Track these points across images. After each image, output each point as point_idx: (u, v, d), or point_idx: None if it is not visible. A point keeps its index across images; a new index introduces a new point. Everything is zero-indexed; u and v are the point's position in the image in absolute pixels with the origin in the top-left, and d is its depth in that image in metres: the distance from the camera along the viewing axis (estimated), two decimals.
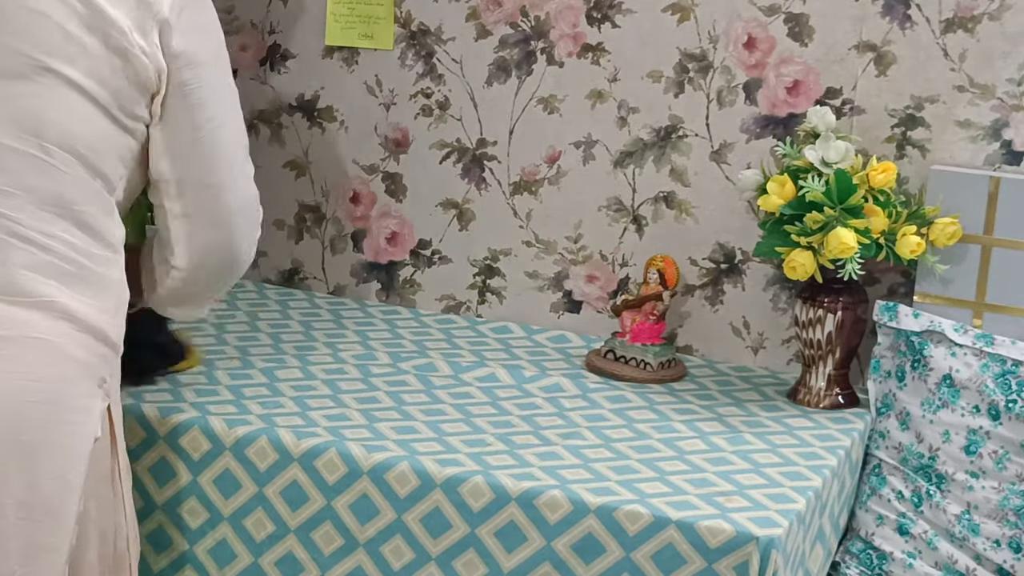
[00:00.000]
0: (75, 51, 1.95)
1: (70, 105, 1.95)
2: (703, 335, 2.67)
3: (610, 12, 2.63)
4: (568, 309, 2.75)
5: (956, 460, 2.32)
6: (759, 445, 2.26)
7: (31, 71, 1.93)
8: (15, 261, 1.91)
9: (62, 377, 1.91)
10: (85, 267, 1.95)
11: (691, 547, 1.97)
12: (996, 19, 2.41)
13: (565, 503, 2.03)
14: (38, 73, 1.93)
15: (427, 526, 2.08)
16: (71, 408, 1.91)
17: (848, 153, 2.38)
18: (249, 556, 2.17)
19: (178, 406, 2.25)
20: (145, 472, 2.22)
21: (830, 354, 2.44)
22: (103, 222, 1.99)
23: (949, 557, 2.31)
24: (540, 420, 2.31)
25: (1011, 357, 2.31)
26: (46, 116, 1.93)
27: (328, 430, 2.19)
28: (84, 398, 1.93)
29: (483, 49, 2.73)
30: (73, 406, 1.92)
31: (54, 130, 1.94)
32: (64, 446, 1.90)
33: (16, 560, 1.87)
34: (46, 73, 1.94)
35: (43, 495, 1.88)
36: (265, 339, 2.60)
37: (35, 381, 1.88)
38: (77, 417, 1.92)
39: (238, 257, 2.17)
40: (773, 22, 2.54)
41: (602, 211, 2.70)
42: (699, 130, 2.61)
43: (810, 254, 2.35)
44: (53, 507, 1.89)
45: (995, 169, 2.43)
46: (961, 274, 2.40)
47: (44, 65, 1.93)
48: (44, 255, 1.92)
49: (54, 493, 1.89)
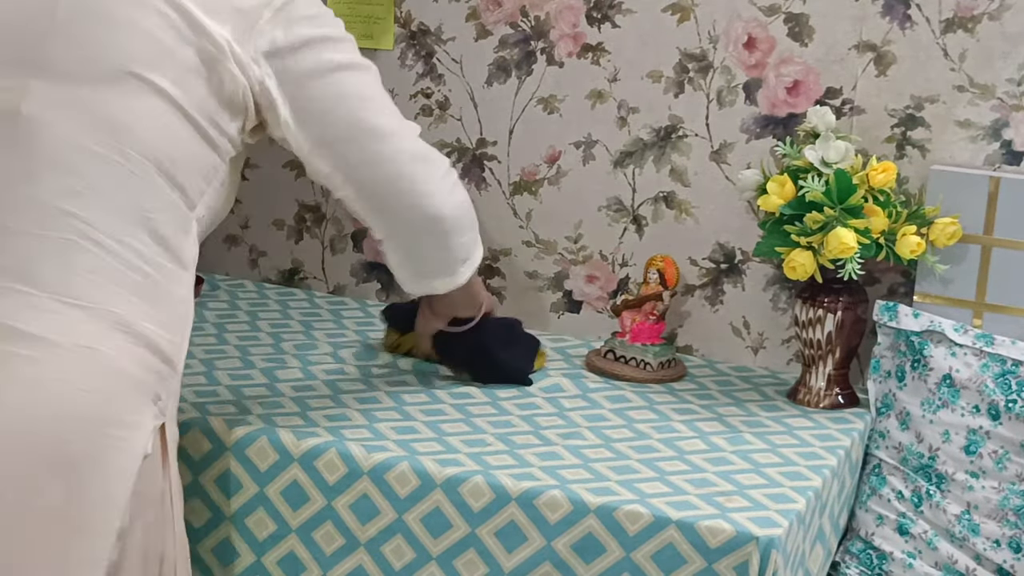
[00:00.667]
0: (165, 60, 1.93)
1: (155, 113, 1.93)
2: (703, 335, 2.67)
3: (610, 12, 2.63)
4: (568, 309, 2.76)
5: (956, 460, 2.32)
6: (759, 445, 2.26)
7: (118, 77, 1.92)
8: (80, 263, 1.88)
9: (110, 390, 1.87)
10: (151, 277, 1.93)
11: (691, 547, 1.97)
12: (996, 19, 2.41)
13: (565, 503, 2.03)
14: (124, 80, 1.92)
15: (428, 526, 2.08)
16: (117, 423, 1.87)
17: (848, 153, 2.38)
18: (251, 555, 2.18)
19: (179, 407, 2.24)
20: None
21: (830, 354, 2.44)
22: (178, 237, 1.96)
23: (949, 557, 2.31)
24: (540, 420, 2.31)
25: (1011, 357, 2.32)
26: (129, 122, 1.92)
27: (328, 430, 2.19)
28: (133, 414, 1.89)
29: (483, 49, 2.73)
30: (120, 421, 1.87)
31: (135, 137, 1.92)
32: (107, 461, 1.86)
33: (51, 572, 1.84)
34: (133, 80, 1.92)
35: (82, 508, 1.85)
36: (265, 339, 2.60)
37: (81, 391, 1.85)
38: (123, 432, 1.87)
39: (430, 210, 2.14)
40: (773, 22, 2.54)
41: (602, 211, 2.70)
42: (699, 130, 2.61)
43: (810, 254, 2.35)
44: (93, 521, 1.85)
45: (995, 169, 2.43)
46: (961, 274, 2.40)
47: (132, 72, 1.92)
48: (111, 260, 1.90)
49: (94, 507, 1.85)
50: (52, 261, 1.88)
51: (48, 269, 1.87)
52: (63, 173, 1.89)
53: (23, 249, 1.88)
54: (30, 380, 1.84)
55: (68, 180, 1.89)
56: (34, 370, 1.84)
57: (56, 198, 1.89)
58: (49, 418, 1.84)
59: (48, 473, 1.83)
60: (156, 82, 1.93)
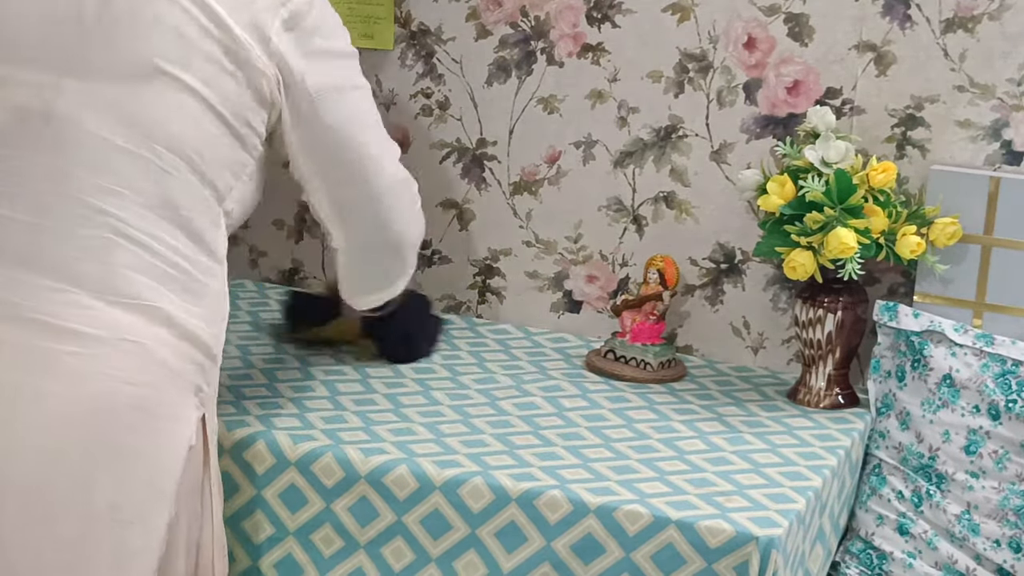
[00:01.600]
0: (191, 56, 1.95)
1: (183, 110, 1.95)
2: (703, 335, 2.66)
3: (610, 12, 2.63)
4: (568, 309, 2.75)
5: (956, 460, 2.32)
6: (759, 445, 2.26)
7: (146, 74, 1.94)
8: (119, 261, 1.91)
9: (154, 383, 1.91)
10: (188, 273, 1.96)
11: (691, 547, 1.97)
12: (996, 19, 2.40)
13: (565, 503, 2.03)
14: (153, 77, 1.93)
15: (427, 527, 2.08)
16: (162, 415, 1.91)
17: (848, 153, 2.38)
18: (248, 559, 2.17)
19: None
20: None
21: (830, 354, 2.44)
22: (210, 231, 1.99)
23: (949, 557, 2.31)
24: (540, 420, 2.31)
25: (1011, 357, 2.31)
26: (158, 119, 1.94)
27: (325, 433, 2.19)
28: (176, 406, 1.93)
29: (483, 49, 2.73)
30: (164, 413, 1.91)
31: (165, 133, 1.94)
32: (154, 452, 1.90)
33: (106, 564, 1.87)
34: (161, 76, 1.94)
35: (133, 500, 1.88)
36: (265, 339, 2.60)
37: (126, 384, 1.88)
38: (169, 425, 1.91)
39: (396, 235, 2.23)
40: (773, 22, 2.54)
41: (602, 211, 2.70)
42: (699, 130, 2.61)
43: (810, 254, 2.35)
44: (144, 512, 1.89)
45: (995, 169, 2.42)
46: (961, 274, 2.40)
47: (160, 68, 1.93)
48: (148, 257, 1.92)
49: (145, 499, 1.89)
50: (91, 260, 1.91)
51: (88, 268, 1.91)
52: (97, 172, 1.92)
53: (63, 249, 1.91)
54: (76, 375, 1.88)
55: (102, 179, 1.92)
56: (80, 365, 1.88)
57: (92, 197, 1.91)
58: (97, 411, 1.87)
59: (98, 466, 1.87)
60: (184, 79, 1.94)
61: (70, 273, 1.90)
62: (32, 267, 1.91)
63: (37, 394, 1.87)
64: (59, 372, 1.88)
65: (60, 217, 1.91)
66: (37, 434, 1.86)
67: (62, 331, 1.89)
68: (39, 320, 1.89)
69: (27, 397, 1.87)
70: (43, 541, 1.87)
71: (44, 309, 1.89)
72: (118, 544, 1.88)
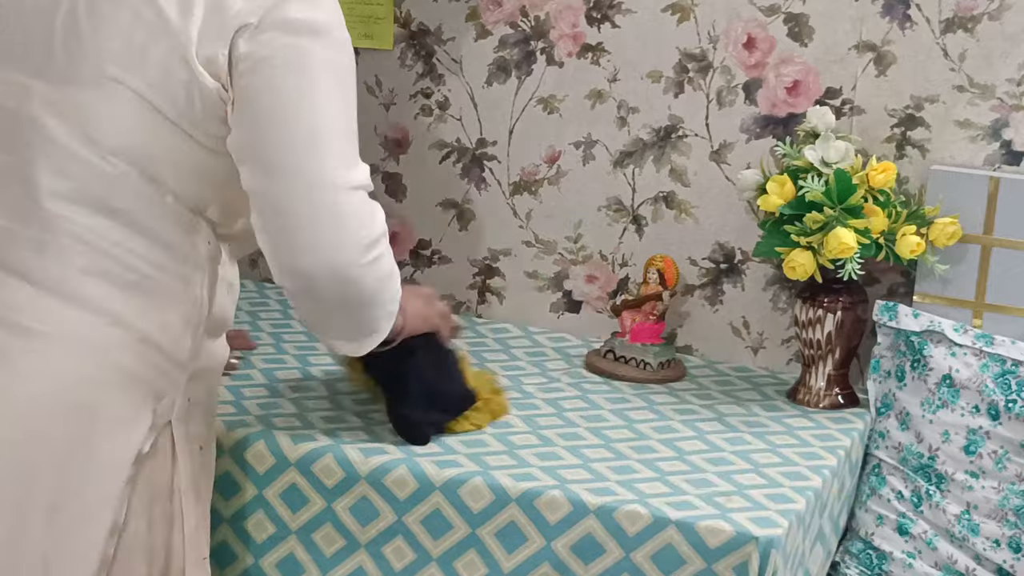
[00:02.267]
0: (140, 61, 1.90)
1: (134, 116, 1.90)
2: (703, 335, 2.67)
3: (610, 12, 2.63)
4: (568, 309, 2.76)
5: (956, 460, 2.32)
6: (759, 445, 2.26)
7: (99, 80, 1.91)
8: (74, 263, 1.90)
9: (104, 382, 1.89)
10: (151, 278, 1.92)
11: (691, 547, 1.97)
12: (996, 19, 2.41)
13: (565, 503, 2.03)
14: (104, 83, 1.91)
15: (428, 527, 2.08)
16: (110, 416, 1.88)
17: (848, 153, 2.38)
18: (251, 558, 2.17)
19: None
20: None
21: (830, 354, 2.44)
22: (178, 236, 1.93)
23: (949, 557, 2.31)
24: (540, 420, 2.31)
25: (1011, 357, 2.31)
26: (108, 124, 1.90)
27: (325, 433, 2.19)
28: (126, 407, 1.90)
29: (483, 49, 2.73)
30: (110, 414, 1.89)
31: (118, 142, 1.90)
32: (98, 452, 1.87)
33: (41, 561, 1.86)
34: (111, 83, 1.90)
35: (73, 500, 1.86)
36: (266, 339, 2.60)
37: (76, 382, 1.87)
38: (115, 425, 1.89)
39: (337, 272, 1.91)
40: (773, 22, 2.54)
41: (602, 211, 2.70)
42: (699, 130, 2.61)
43: (810, 254, 2.35)
44: (84, 514, 1.87)
45: (995, 169, 2.43)
46: (961, 274, 2.40)
47: (109, 74, 1.90)
48: (106, 261, 1.90)
49: (85, 500, 1.87)
50: (50, 262, 1.89)
51: (46, 269, 1.89)
52: (56, 177, 1.91)
53: (22, 249, 1.90)
54: (25, 371, 1.87)
55: (61, 184, 1.90)
56: (29, 361, 1.87)
57: (50, 202, 1.90)
58: (43, 408, 1.86)
59: (41, 464, 1.85)
60: (131, 84, 1.90)
61: (30, 275, 1.90)
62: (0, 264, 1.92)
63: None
64: (8, 368, 1.87)
65: (23, 220, 1.91)
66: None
67: (17, 327, 1.88)
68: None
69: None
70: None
71: (4, 302, 1.90)
72: (54, 546, 1.86)
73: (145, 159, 1.91)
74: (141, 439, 1.90)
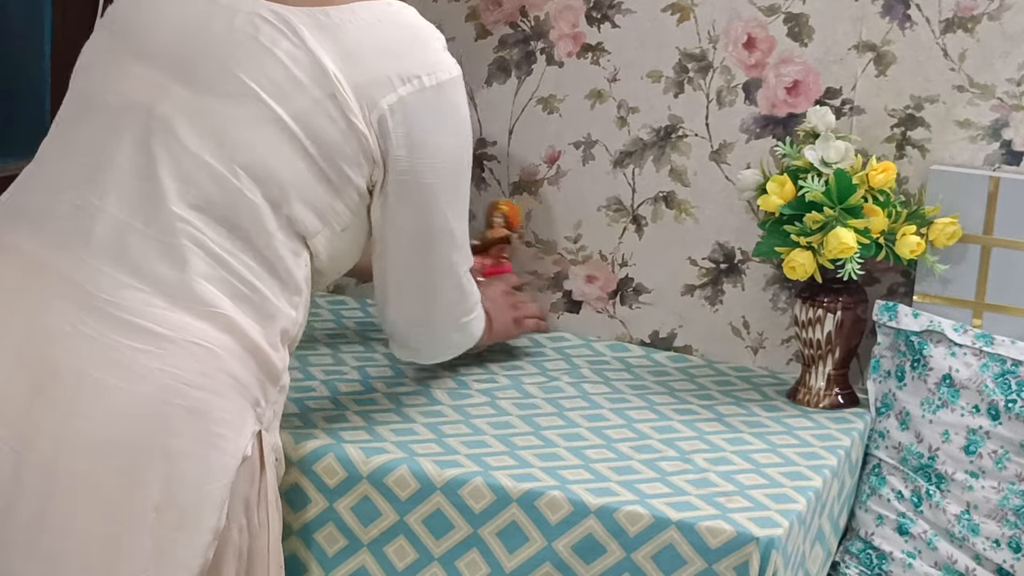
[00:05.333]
0: (290, 92, 1.97)
1: (272, 140, 1.97)
2: (703, 335, 2.67)
3: (610, 12, 2.63)
4: (568, 309, 2.76)
5: (956, 460, 2.32)
6: (759, 445, 2.26)
7: (243, 97, 1.97)
8: (194, 270, 1.93)
9: (215, 388, 1.91)
10: (259, 292, 1.97)
11: (691, 548, 1.98)
12: (996, 19, 2.41)
13: (566, 504, 2.03)
14: (249, 101, 1.97)
15: (429, 527, 2.08)
16: (219, 420, 1.91)
17: (848, 153, 2.38)
18: None
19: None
20: None
21: (830, 354, 2.44)
22: (285, 260, 2.00)
23: (949, 557, 2.31)
24: (540, 420, 2.31)
25: (1011, 357, 2.32)
26: (245, 142, 1.97)
27: (327, 432, 2.19)
28: (235, 414, 1.93)
29: (483, 49, 2.73)
30: (221, 419, 1.91)
31: (248, 157, 1.97)
32: (207, 456, 1.89)
33: (144, 561, 1.87)
34: (257, 103, 1.97)
35: (179, 503, 1.88)
36: None
37: (186, 385, 1.89)
38: (225, 431, 1.91)
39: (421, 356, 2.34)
40: (773, 22, 2.54)
41: (602, 211, 2.70)
42: (699, 130, 2.61)
43: (810, 254, 2.35)
44: (188, 517, 1.88)
45: (995, 169, 2.43)
46: (961, 274, 2.40)
47: (256, 96, 1.97)
48: (221, 270, 1.95)
49: (191, 502, 1.88)
50: (168, 264, 1.94)
51: (164, 271, 1.94)
52: (183, 181, 1.96)
53: (145, 251, 1.94)
54: (139, 372, 1.89)
55: (186, 189, 1.95)
56: (144, 362, 1.89)
57: (175, 203, 1.95)
58: (152, 411, 1.88)
59: (148, 466, 1.87)
60: (278, 112, 1.97)
61: (149, 274, 1.93)
62: (116, 262, 1.94)
63: (97, 386, 1.88)
64: (123, 367, 1.89)
65: (145, 218, 1.95)
66: (93, 426, 1.87)
67: (135, 327, 1.90)
68: (114, 315, 1.91)
69: (88, 388, 1.88)
70: (86, 534, 1.87)
71: (122, 305, 1.92)
72: (159, 546, 1.88)
73: (271, 180, 1.98)
74: (245, 445, 1.93)
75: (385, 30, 2.04)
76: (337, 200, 2.03)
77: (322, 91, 1.98)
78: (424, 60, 2.06)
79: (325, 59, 1.98)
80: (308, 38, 1.99)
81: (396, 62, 2.03)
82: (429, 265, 2.15)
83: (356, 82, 1.99)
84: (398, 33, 2.06)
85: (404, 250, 2.12)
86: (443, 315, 2.23)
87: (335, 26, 2.00)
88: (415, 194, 2.07)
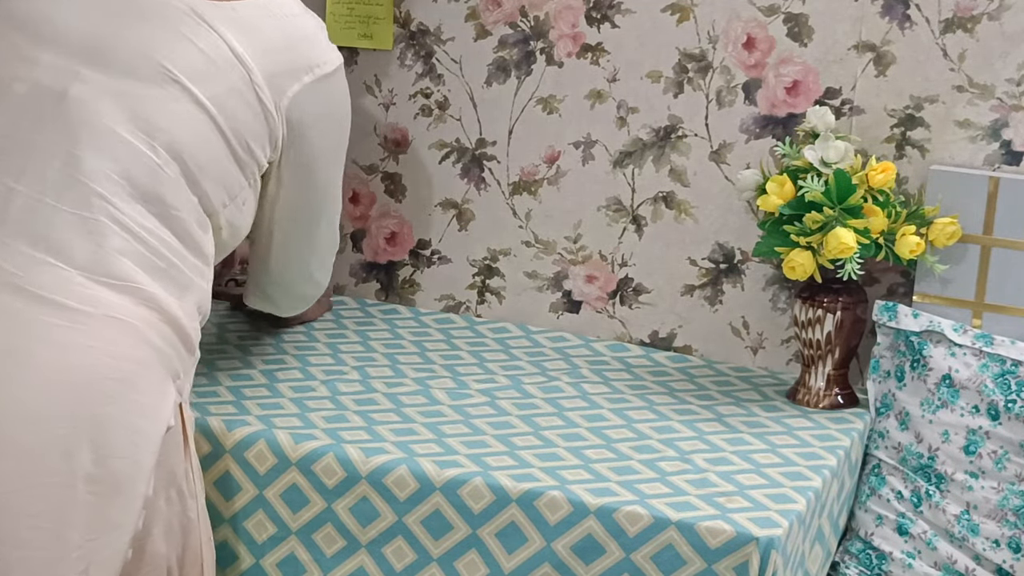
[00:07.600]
0: (211, 78, 2.08)
1: (189, 120, 2.07)
2: (702, 335, 2.67)
3: (609, 12, 2.63)
4: (567, 309, 2.76)
5: (955, 460, 2.32)
6: (759, 445, 2.26)
7: (164, 81, 2.06)
8: (111, 245, 1.99)
9: (139, 359, 1.96)
10: (175, 266, 2.04)
11: (691, 548, 1.98)
12: (995, 19, 2.41)
13: (565, 504, 2.03)
14: (168, 84, 2.06)
15: (428, 527, 2.08)
16: (144, 391, 1.96)
17: (847, 153, 2.38)
18: (251, 558, 2.18)
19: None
20: None
21: (829, 354, 2.44)
22: (197, 233, 2.09)
23: (948, 557, 2.31)
24: (540, 420, 2.31)
25: (1010, 357, 2.32)
26: (163, 122, 2.05)
27: (326, 432, 2.19)
28: (158, 383, 1.98)
29: (482, 49, 2.73)
30: (147, 389, 1.96)
31: (167, 136, 2.05)
32: (135, 426, 1.94)
33: (81, 532, 1.90)
34: (176, 86, 2.06)
35: (111, 471, 1.91)
36: (266, 339, 2.60)
37: (112, 358, 1.94)
38: (150, 400, 1.96)
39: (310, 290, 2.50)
40: (772, 22, 2.54)
41: (601, 211, 2.70)
42: (698, 130, 2.61)
43: (809, 254, 2.35)
44: (120, 484, 1.92)
45: (994, 169, 2.43)
46: (960, 274, 2.40)
47: (178, 80, 2.06)
48: (137, 244, 2.00)
49: (122, 471, 1.92)
50: (85, 240, 1.98)
51: (81, 246, 1.97)
52: (99, 157, 2.01)
53: (60, 227, 1.98)
54: (61, 344, 1.92)
55: (103, 165, 2.01)
56: (65, 335, 1.93)
57: (92, 180, 2.00)
58: (81, 381, 1.92)
59: (80, 436, 1.90)
60: (197, 94, 2.07)
61: (64, 250, 1.97)
62: (31, 240, 1.97)
63: (30, 358, 1.91)
64: (48, 341, 1.92)
65: (60, 196, 1.99)
66: (30, 396, 1.90)
67: (52, 303, 1.94)
68: (31, 291, 1.94)
69: (20, 360, 1.91)
70: (25, 508, 1.89)
71: (37, 281, 1.95)
72: (94, 514, 1.91)
73: (189, 158, 2.06)
74: (168, 415, 1.98)
75: (286, 23, 2.20)
76: (240, 174, 2.15)
77: (239, 78, 2.11)
78: (320, 52, 2.25)
79: (240, 50, 2.11)
80: (224, 31, 2.10)
81: (297, 55, 2.20)
82: (314, 221, 2.36)
83: (269, 72, 2.13)
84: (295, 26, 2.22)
85: (293, 211, 2.30)
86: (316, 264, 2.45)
87: (244, 19, 2.14)
88: (307, 168, 2.26)
